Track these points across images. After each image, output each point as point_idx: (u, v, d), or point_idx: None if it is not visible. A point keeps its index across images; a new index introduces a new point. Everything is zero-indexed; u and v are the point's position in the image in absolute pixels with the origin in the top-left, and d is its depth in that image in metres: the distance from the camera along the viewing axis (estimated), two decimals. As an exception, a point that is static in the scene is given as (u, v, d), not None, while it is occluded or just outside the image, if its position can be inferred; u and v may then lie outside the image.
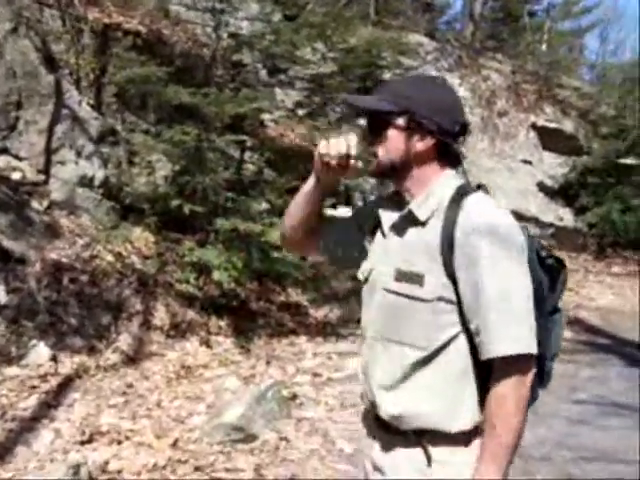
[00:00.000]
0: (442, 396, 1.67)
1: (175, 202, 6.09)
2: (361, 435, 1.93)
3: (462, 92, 12.67)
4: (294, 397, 4.98)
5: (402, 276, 1.67)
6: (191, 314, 6.26)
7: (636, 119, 12.37)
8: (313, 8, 7.43)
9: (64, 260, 5.65)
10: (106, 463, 3.79)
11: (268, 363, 5.88)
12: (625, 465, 4.17)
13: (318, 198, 1.88)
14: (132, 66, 6.58)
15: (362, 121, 9.37)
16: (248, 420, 4.23)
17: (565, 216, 12.25)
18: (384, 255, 1.76)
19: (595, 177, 12.13)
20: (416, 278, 1.65)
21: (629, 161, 12.20)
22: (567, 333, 7.74)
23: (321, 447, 4.23)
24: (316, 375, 5.68)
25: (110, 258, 6.03)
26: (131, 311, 5.85)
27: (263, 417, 4.34)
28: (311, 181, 1.85)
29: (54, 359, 4.88)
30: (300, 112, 8.46)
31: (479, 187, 1.72)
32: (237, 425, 4.16)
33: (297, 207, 1.92)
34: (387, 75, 8.24)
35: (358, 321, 1.96)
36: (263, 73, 8.17)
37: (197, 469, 3.79)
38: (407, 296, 1.66)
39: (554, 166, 12.72)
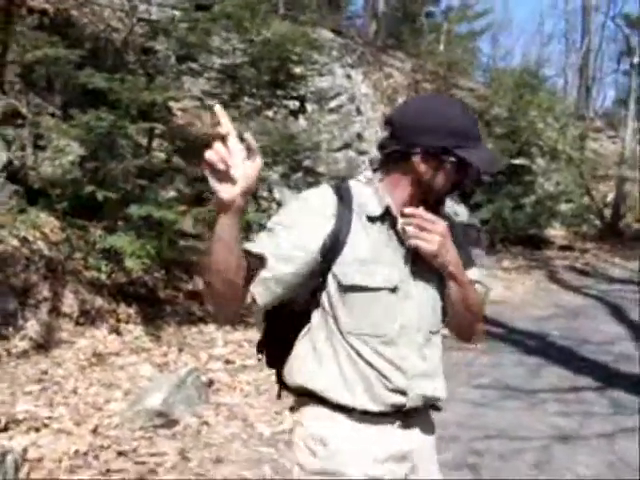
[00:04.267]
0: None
1: (88, 188, 5.97)
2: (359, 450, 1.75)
3: (365, 88, 12.99)
4: (211, 383, 5.04)
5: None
6: (100, 301, 6.18)
7: (527, 121, 13.09)
8: (226, -1, 7.42)
9: (-33, 245, 5.46)
10: (24, 451, 3.73)
11: (180, 350, 5.90)
12: (523, 441, 4.54)
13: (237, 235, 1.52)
14: (39, 46, 6.36)
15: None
16: (169, 406, 4.27)
17: (460, 211, 12.79)
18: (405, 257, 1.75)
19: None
20: None
21: (520, 161, 12.91)
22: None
23: (242, 431, 4.33)
24: (229, 362, 5.75)
25: (16, 243, 5.85)
26: (39, 298, 5.72)
27: (183, 402, 4.39)
28: (224, 221, 1.47)
29: (-40, 346, 4.73)
30: (209, 102, 8.43)
31: None
32: (159, 410, 4.20)
33: (225, 272, 1.53)
34: (298, 69, 8.36)
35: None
36: (172, 60, 8.08)
37: (120, 454, 3.80)
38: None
39: (451, 164, 13.21)
